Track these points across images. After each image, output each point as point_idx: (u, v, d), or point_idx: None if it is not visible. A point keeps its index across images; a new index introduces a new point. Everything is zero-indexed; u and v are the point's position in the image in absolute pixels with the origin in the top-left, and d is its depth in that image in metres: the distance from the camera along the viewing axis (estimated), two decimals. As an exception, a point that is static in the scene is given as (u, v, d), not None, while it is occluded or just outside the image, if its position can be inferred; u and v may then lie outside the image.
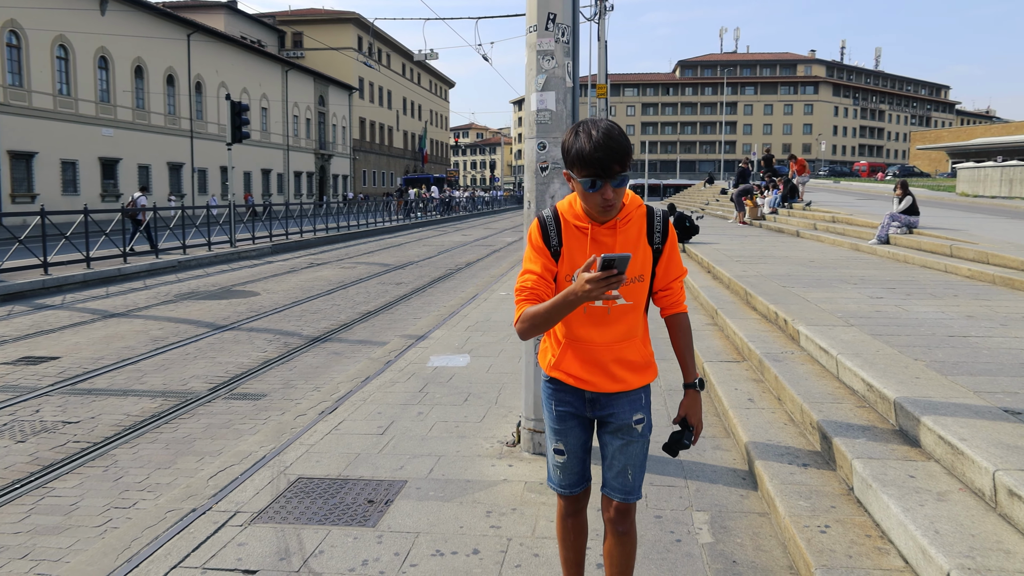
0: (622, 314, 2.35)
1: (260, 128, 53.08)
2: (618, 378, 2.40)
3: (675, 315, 2.50)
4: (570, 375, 2.42)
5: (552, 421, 2.51)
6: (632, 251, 2.30)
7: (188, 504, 4.00)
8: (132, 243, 17.44)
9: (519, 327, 2.26)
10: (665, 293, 2.46)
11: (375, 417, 5.49)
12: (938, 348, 5.25)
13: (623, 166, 2.16)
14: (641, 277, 2.36)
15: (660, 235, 2.40)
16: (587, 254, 2.29)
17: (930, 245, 11.55)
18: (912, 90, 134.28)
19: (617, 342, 2.37)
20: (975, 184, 28.50)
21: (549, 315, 2.16)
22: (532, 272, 2.33)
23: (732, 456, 4.55)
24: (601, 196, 2.18)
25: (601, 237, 2.30)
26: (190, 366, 7.73)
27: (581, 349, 2.38)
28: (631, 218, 2.33)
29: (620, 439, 2.45)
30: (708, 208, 30.83)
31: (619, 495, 2.47)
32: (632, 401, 2.44)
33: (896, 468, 3.45)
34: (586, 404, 2.46)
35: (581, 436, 2.51)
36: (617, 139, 2.15)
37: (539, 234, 2.36)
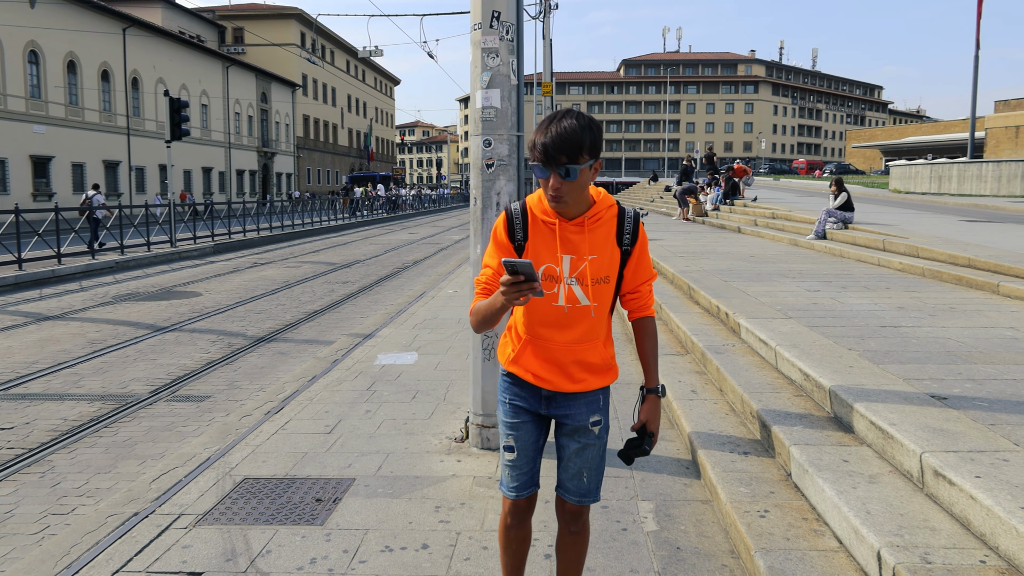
0: (583, 315, 2.31)
1: (200, 125, 51.84)
2: (576, 378, 2.36)
3: (642, 319, 2.46)
4: (528, 371, 2.38)
5: (505, 415, 2.47)
6: (599, 252, 2.28)
7: (130, 508, 3.92)
8: (90, 243, 17.91)
9: (470, 320, 2.29)
10: (633, 296, 2.43)
11: (322, 416, 5.45)
12: (871, 338, 5.45)
13: (571, 158, 2.13)
14: (607, 279, 2.31)
15: (630, 236, 2.34)
16: (555, 251, 2.27)
17: (864, 240, 11.95)
18: (847, 90, 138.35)
19: (576, 343, 2.32)
20: (907, 181, 29.56)
21: (487, 314, 2.17)
22: (489, 267, 2.32)
23: (676, 446, 4.65)
24: (548, 184, 2.18)
25: (569, 235, 2.27)
26: (130, 368, 7.54)
27: (540, 347, 2.35)
28: (600, 217, 2.30)
29: (576, 442, 2.41)
30: (653, 205, 31.28)
31: (574, 498, 2.46)
32: (590, 403, 2.41)
33: (831, 453, 3.58)
34: (542, 401, 2.42)
35: (533, 434, 2.46)
36: (572, 131, 2.12)
37: (504, 228, 2.33)
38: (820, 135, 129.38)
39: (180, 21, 55.61)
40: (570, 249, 2.27)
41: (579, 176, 2.17)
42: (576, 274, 2.28)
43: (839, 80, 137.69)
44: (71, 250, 16.95)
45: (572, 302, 2.30)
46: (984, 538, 2.71)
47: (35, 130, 36.00)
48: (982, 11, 26.04)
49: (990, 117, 40.27)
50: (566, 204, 2.22)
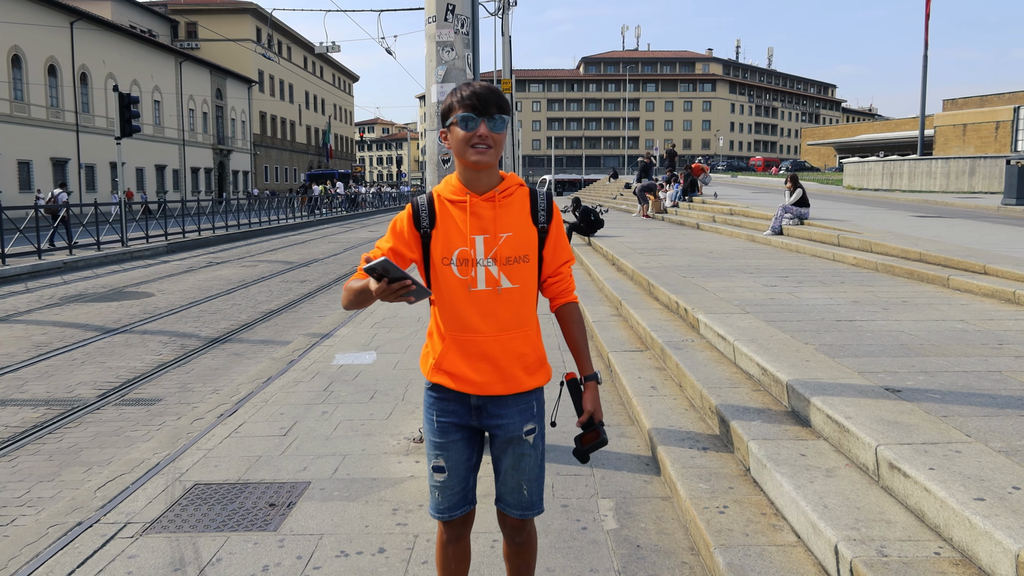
0: (507, 299, 2.18)
1: (153, 122, 50.71)
2: (509, 375, 2.20)
3: (567, 304, 2.34)
4: (454, 376, 2.22)
5: (433, 434, 2.30)
6: (514, 229, 2.19)
7: (73, 517, 3.77)
8: (51, 238, 18.21)
9: (342, 298, 2.18)
10: (554, 280, 2.31)
11: (277, 418, 5.33)
12: (827, 332, 5.50)
13: (502, 111, 2.10)
14: (526, 257, 2.20)
15: (545, 214, 2.26)
16: (465, 230, 2.17)
17: (819, 235, 12.13)
18: (802, 88, 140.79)
19: (505, 331, 2.18)
20: (860, 178, 30.15)
21: (357, 296, 2.09)
22: (380, 248, 2.23)
23: (636, 443, 4.64)
24: (476, 134, 2.08)
25: (480, 210, 2.17)
26: (77, 372, 7.30)
27: (466, 343, 2.20)
28: (511, 193, 2.22)
29: (511, 453, 2.29)
30: (613, 202, 31.44)
31: (515, 511, 2.33)
32: (523, 410, 2.26)
33: (789, 448, 3.59)
34: (472, 412, 2.25)
35: (465, 451, 2.30)
36: (498, 90, 2.13)
37: (408, 217, 2.24)
38: (776, 133, 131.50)
39: (130, 15, 54.30)
40: (482, 227, 2.16)
41: (504, 130, 2.12)
42: (492, 254, 2.16)
43: (794, 79, 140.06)
44: (16, 250, 16.40)
45: (493, 284, 2.17)
46: (938, 530, 2.73)
47: (-22, 126, 34.83)
48: (930, 12, 26.69)
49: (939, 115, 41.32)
50: (491, 157, 2.12)
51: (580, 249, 14.55)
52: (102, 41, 44.78)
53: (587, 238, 15.86)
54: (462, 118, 2.08)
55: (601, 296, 9.64)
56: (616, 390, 5.79)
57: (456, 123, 2.09)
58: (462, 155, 2.12)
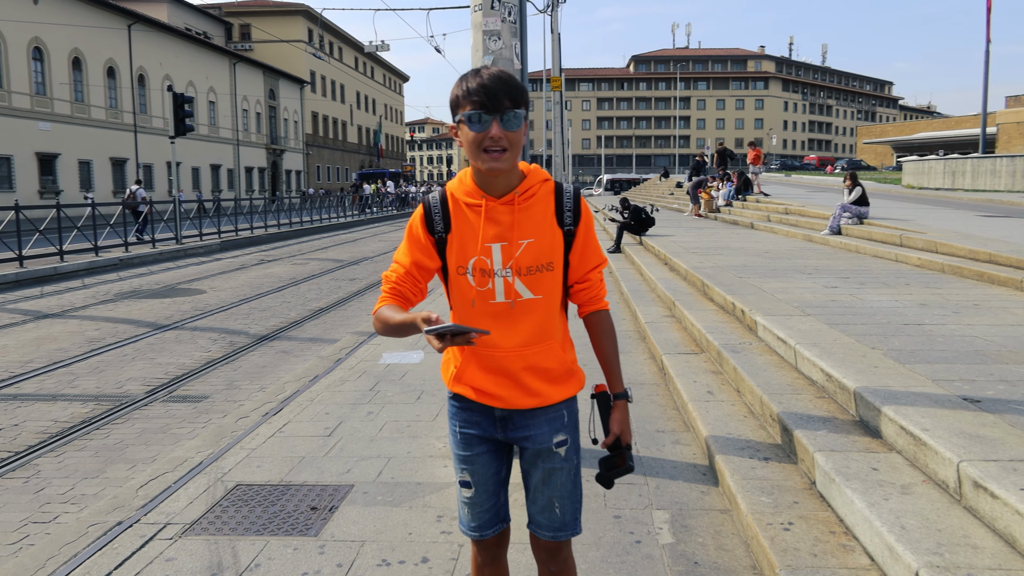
0: (528, 312, 1.96)
1: (208, 122, 51.81)
2: (532, 391, 1.99)
3: (596, 313, 2.10)
4: (475, 389, 2.02)
5: (457, 446, 2.10)
6: (536, 235, 1.95)
7: (114, 517, 3.71)
8: (136, 232, 19.99)
9: (374, 324, 1.98)
10: (582, 286, 2.07)
11: (322, 418, 5.25)
12: (894, 336, 5.20)
13: (515, 103, 1.84)
14: (550, 265, 1.97)
15: (572, 215, 2.00)
16: (479, 238, 1.93)
17: (881, 235, 11.67)
18: (858, 85, 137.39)
19: (527, 346, 1.96)
20: (920, 176, 29.17)
21: (397, 331, 1.90)
22: (400, 264, 2.03)
23: (692, 451, 4.42)
24: (487, 136, 1.82)
25: (497, 215, 1.93)
26: (127, 368, 7.36)
27: (485, 357, 1.99)
28: (534, 193, 1.96)
29: (541, 467, 2.05)
30: (663, 201, 30.99)
31: (547, 533, 2.08)
32: (552, 420, 2.03)
33: (858, 461, 3.34)
34: (496, 424, 2.04)
35: (492, 465, 2.09)
36: (509, 75, 1.88)
37: (420, 220, 2.00)
38: (831, 131, 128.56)
39: (186, 18, 55.55)
40: (499, 235, 1.93)
41: (520, 126, 1.87)
42: (511, 263, 1.94)
43: (849, 76, 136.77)
44: (74, 247, 16.81)
45: (513, 297, 1.96)
46: (1034, 558, 2.47)
47: (40, 127, 35.98)
48: (991, 6, 25.62)
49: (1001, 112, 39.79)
50: (506, 163, 1.87)
51: (632, 248, 14.28)
52: (159, 43, 45.89)
53: (638, 237, 15.58)
54: (469, 117, 1.84)
55: (653, 296, 9.40)
56: (670, 394, 5.56)
57: (463, 121, 1.86)
58: (475, 159, 1.89)
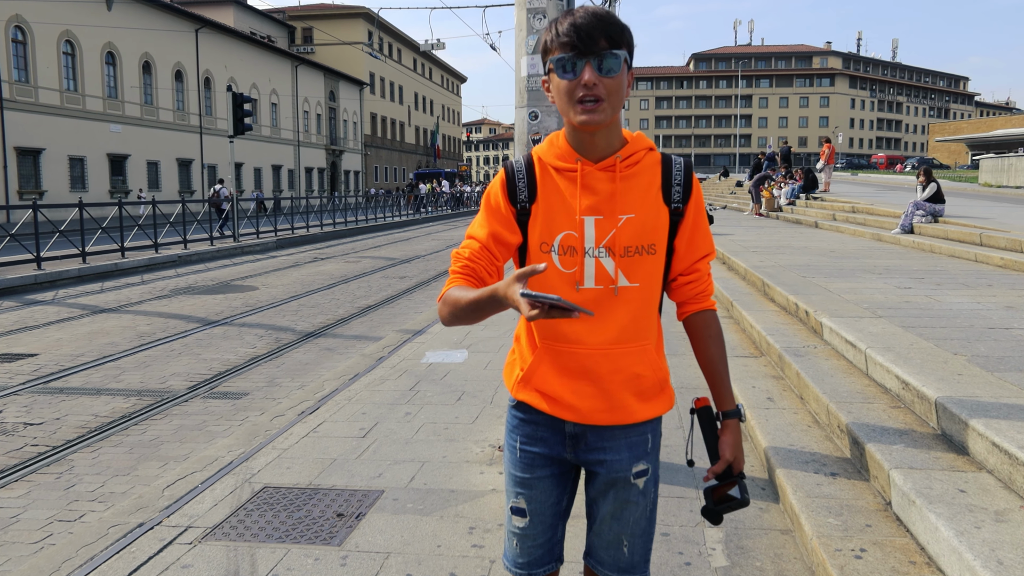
0: (622, 303, 1.63)
1: (270, 124, 52.83)
2: (617, 403, 1.67)
3: (702, 313, 1.77)
4: (546, 395, 1.69)
5: (514, 465, 1.76)
6: (638, 210, 1.63)
7: (136, 517, 3.56)
8: (219, 228, 21.42)
9: (440, 310, 1.61)
10: (688, 278, 1.74)
11: (358, 418, 5.04)
12: (979, 341, 4.73)
13: (614, 43, 1.53)
14: (652, 248, 1.65)
15: (681, 191, 1.68)
16: (573, 209, 1.62)
17: (958, 234, 10.97)
18: (930, 81, 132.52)
19: (616, 345, 1.64)
20: (999, 174, 27.75)
21: (473, 311, 1.52)
22: (475, 239, 1.68)
23: (750, 462, 4.05)
24: (579, 83, 1.52)
25: (595, 183, 1.62)
26: (172, 363, 7.31)
27: (564, 355, 1.66)
28: (638, 160, 1.65)
29: (613, 499, 1.73)
30: (723, 200, 30.22)
31: (610, 572, 1.76)
32: (634, 444, 1.71)
33: (942, 481, 2.95)
34: (566, 442, 1.72)
35: (554, 492, 1.76)
36: (609, 12, 1.57)
37: (501, 187, 1.69)
38: (900, 129, 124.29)
39: (251, 22, 56.77)
40: (595, 206, 1.62)
41: (620, 71, 1.55)
42: (606, 241, 1.62)
43: (921, 71, 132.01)
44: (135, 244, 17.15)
45: (606, 282, 1.62)
46: None
47: (112, 129, 37.15)
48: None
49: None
50: (604, 115, 1.55)
51: (687, 247, 13.80)
52: (224, 47, 46.96)
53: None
54: (559, 61, 1.55)
55: (709, 297, 8.98)
56: (726, 400, 5.19)
57: (553, 68, 1.58)
58: (567, 113, 1.59)
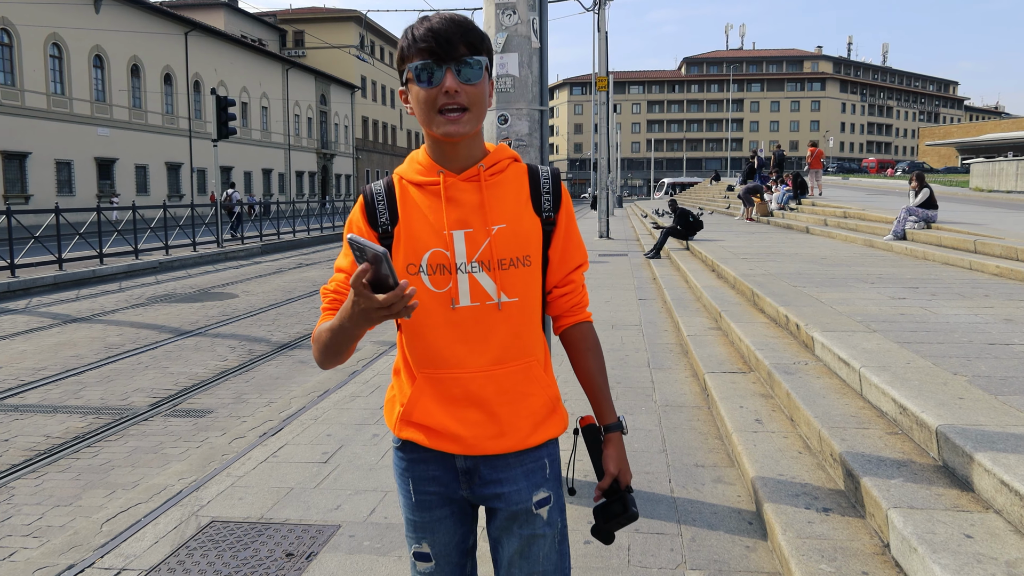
0: (501, 319, 1.54)
1: (261, 127, 52.46)
2: (508, 427, 1.55)
3: (578, 324, 1.69)
4: (430, 430, 1.56)
5: (411, 511, 1.64)
6: (508, 219, 1.54)
7: (68, 557, 3.27)
8: (229, 230, 22.54)
9: (313, 353, 1.50)
10: (564, 291, 1.66)
11: (323, 440, 4.75)
12: (979, 359, 4.46)
13: (474, 49, 1.47)
14: (527, 259, 1.56)
15: (551, 199, 1.60)
16: (440, 224, 1.51)
17: (952, 241, 10.75)
18: (920, 86, 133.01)
19: (501, 364, 1.54)
20: (989, 179, 27.64)
21: (330, 340, 1.40)
22: (341, 270, 1.56)
23: (736, 492, 3.78)
24: (440, 91, 1.45)
25: (459, 194, 1.53)
26: (137, 377, 6.99)
27: (446, 382, 1.54)
28: (502, 170, 1.57)
29: (517, 535, 1.59)
30: (713, 205, 30.03)
31: None
32: (531, 472, 1.59)
33: (947, 523, 2.68)
34: (459, 478, 1.59)
35: (457, 532, 1.64)
36: (465, 18, 1.48)
37: (361, 213, 1.57)
38: (891, 133, 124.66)
39: (242, 25, 56.42)
40: (462, 219, 1.52)
41: (482, 78, 1.48)
42: (479, 255, 1.52)
43: (911, 76, 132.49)
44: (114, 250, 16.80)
45: (482, 299, 1.52)
46: None
47: (99, 132, 36.75)
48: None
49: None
50: (467, 126, 1.47)
51: (677, 254, 13.57)
52: (214, 50, 46.60)
53: (685, 242, 14.85)
54: (417, 69, 1.46)
55: (699, 306, 8.71)
56: (713, 421, 4.92)
57: (412, 78, 1.48)
58: (428, 124, 1.50)
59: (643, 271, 13.49)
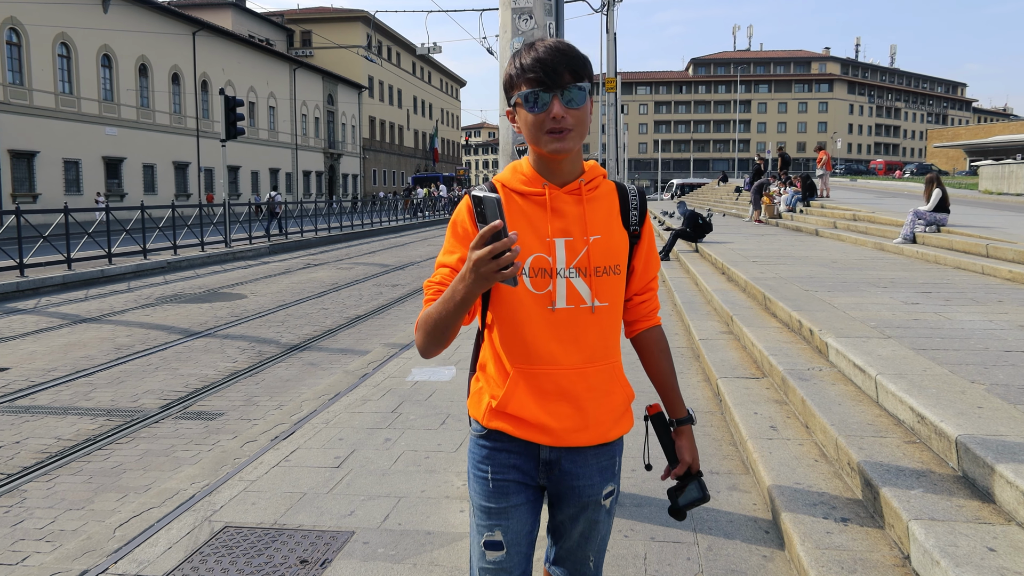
0: (592, 322, 1.68)
1: (268, 127, 52.54)
2: (594, 421, 1.69)
3: (652, 329, 1.87)
4: (524, 421, 1.67)
5: (487, 498, 1.73)
6: (603, 231, 1.69)
7: (81, 563, 3.25)
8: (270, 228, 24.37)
9: (416, 339, 1.61)
10: (643, 298, 1.84)
11: (335, 444, 4.74)
12: (996, 367, 4.43)
13: (577, 76, 1.59)
14: (617, 268, 1.71)
15: (637, 215, 1.76)
16: (543, 230, 1.64)
17: (963, 244, 10.68)
18: (928, 88, 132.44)
19: (592, 363, 1.68)
20: (999, 181, 27.49)
21: (441, 316, 1.52)
22: (445, 266, 1.66)
23: (752, 500, 3.75)
24: (548, 116, 1.58)
25: (563, 205, 1.66)
26: (148, 379, 7.00)
27: (540, 377, 1.66)
28: (597, 186, 1.72)
29: (583, 521, 1.78)
30: (722, 206, 29.94)
31: None
32: (604, 468, 1.76)
33: (968, 536, 2.65)
34: (539, 467, 1.72)
35: (528, 520, 1.74)
36: (569, 46, 1.61)
37: (468, 213, 1.67)
38: (899, 135, 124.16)
39: (250, 25, 56.49)
40: (564, 228, 1.66)
41: (585, 102, 1.61)
42: (576, 262, 1.66)
43: (919, 77, 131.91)
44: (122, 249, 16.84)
45: (576, 302, 1.66)
46: None
47: (107, 132, 36.85)
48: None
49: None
50: (570, 145, 1.61)
51: (687, 256, 13.53)
52: (222, 50, 46.68)
53: (694, 244, 14.80)
54: (527, 97, 1.60)
55: (709, 309, 8.68)
56: (727, 426, 4.89)
57: (520, 103, 1.63)
58: (536, 143, 1.65)
59: (651, 273, 13.44)
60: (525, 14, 3.54)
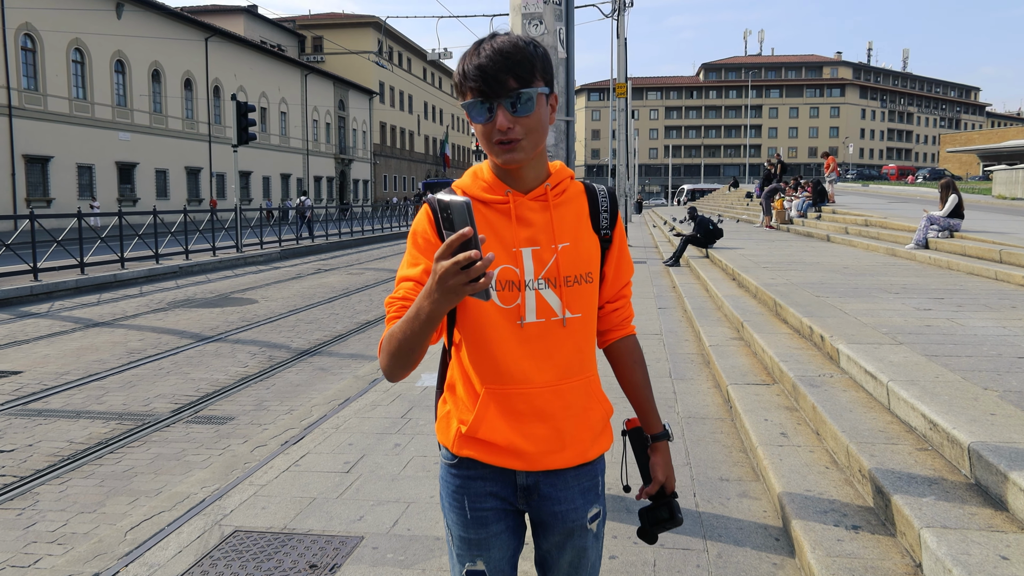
0: (565, 336, 1.57)
1: (279, 132, 52.82)
2: (572, 440, 1.59)
3: (627, 339, 1.75)
4: (495, 446, 1.57)
5: (465, 529, 1.63)
6: (572, 238, 1.58)
7: (92, 566, 3.27)
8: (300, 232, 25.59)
9: (380, 361, 1.48)
10: (615, 305, 1.72)
11: (345, 449, 4.75)
12: (1009, 373, 4.39)
13: (524, 81, 1.45)
14: (589, 276, 1.60)
15: (608, 217, 1.66)
16: (508, 242, 1.54)
17: (976, 250, 10.61)
18: (941, 92, 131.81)
19: (566, 380, 1.57)
20: (1013, 186, 27.33)
21: (405, 336, 1.37)
22: (408, 279, 1.53)
23: (763, 507, 3.73)
24: (493, 127, 1.46)
25: (529, 213, 1.55)
26: (159, 383, 7.04)
27: (513, 398, 1.55)
28: (565, 189, 1.61)
29: (571, 549, 1.66)
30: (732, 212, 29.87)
31: None
32: (586, 489, 1.65)
33: (981, 544, 2.63)
34: (517, 493, 1.62)
35: (510, 545, 1.66)
36: (515, 46, 1.46)
37: (429, 223, 1.55)
38: (911, 139, 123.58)
39: (261, 31, 56.86)
40: (530, 238, 1.55)
41: (536, 108, 1.47)
42: (545, 273, 1.55)
43: (932, 82, 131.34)
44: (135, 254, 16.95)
45: (547, 315, 1.55)
46: None
47: (121, 137, 37.14)
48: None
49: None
50: (523, 155, 1.49)
51: (697, 261, 13.49)
52: (234, 56, 47.00)
53: (705, 250, 14.76)
54: (470, 107, 1.50)
55: (720, 315, 8.65)
56: (737, 433, 4.87)
57: (467, 113, 1.53)
58: (489, 152, 1.54)
59: (662, 279, 13.43)
60: (535, 20, 3.55)
